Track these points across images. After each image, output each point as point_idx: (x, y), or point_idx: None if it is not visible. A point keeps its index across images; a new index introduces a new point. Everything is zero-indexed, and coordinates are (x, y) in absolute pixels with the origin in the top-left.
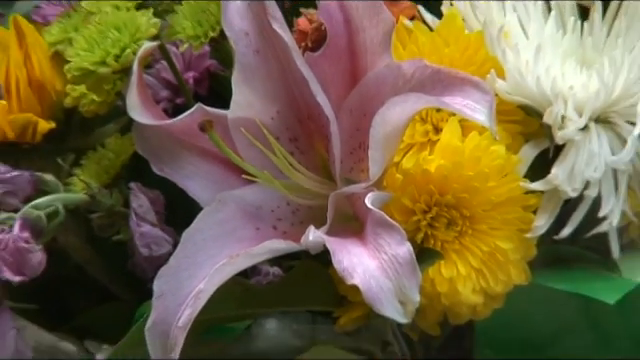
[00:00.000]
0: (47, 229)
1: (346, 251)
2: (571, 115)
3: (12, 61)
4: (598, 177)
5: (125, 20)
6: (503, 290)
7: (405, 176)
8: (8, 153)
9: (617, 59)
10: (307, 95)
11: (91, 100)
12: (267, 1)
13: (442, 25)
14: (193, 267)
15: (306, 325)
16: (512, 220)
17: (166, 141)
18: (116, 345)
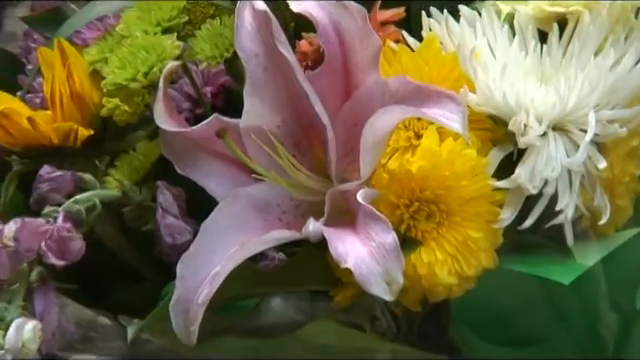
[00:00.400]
0: (86, 220)
1: (341, 239)
2: (532, 124)
3: (57, 78)
4: (555, 177)
5: (153, 43)
6: (474, 273)
7: (391, 176)
8: (53, 156)
9: (571, 76)
10: (308, 107)
11: (123, 111)
12: (274, 26)
13: (422, 47)
14: (210, 253)
15: (306, 302)
16: (482, 213)
17: (187, 145)
18: (145, 319)
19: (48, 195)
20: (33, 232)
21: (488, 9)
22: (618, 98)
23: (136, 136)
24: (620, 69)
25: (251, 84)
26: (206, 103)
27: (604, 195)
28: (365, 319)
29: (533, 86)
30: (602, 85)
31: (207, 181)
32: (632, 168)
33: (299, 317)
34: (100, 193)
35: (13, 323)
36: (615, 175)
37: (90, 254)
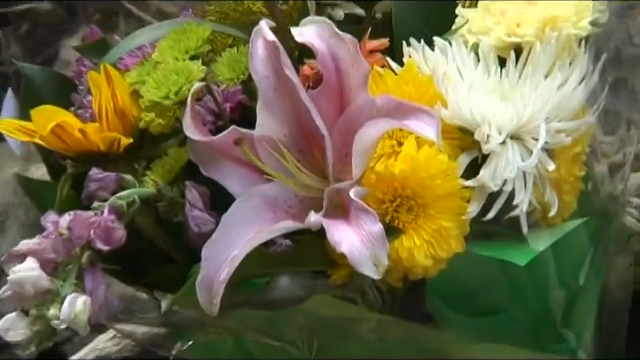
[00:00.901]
0: (127, 213)
1: (336, 229)
2: (493, 134)
3: (103, 96)
4: (512, 177)
5: (182, 67)
6: (446, 256)
7: (377, 176)
8: (100, 160)
9: (526, 95)
10: (309, 120)
11: (158, 123)
12: (281, 54)
13: (403, 71)
14: (229, 240)
15: (308, 280)
16: (452, 207)
17: (210, 152)
18: (175, 294)
19: (96, 192)
20: (83, 223)
21: (457, 40)
22: (564, 112)
23: (168, 144)
24: (566, 89)
25: (263, 101)
26: (226, 117)
27: (553, 192)
28: (357, 294)
29: (494, 103)
30: (551, 102)
31: (226, 181)
32: (576, 170)
33: (302, 293)
34: (138, 191)
35: (67, 298)
36: (562, 176)
37: (130, 241)
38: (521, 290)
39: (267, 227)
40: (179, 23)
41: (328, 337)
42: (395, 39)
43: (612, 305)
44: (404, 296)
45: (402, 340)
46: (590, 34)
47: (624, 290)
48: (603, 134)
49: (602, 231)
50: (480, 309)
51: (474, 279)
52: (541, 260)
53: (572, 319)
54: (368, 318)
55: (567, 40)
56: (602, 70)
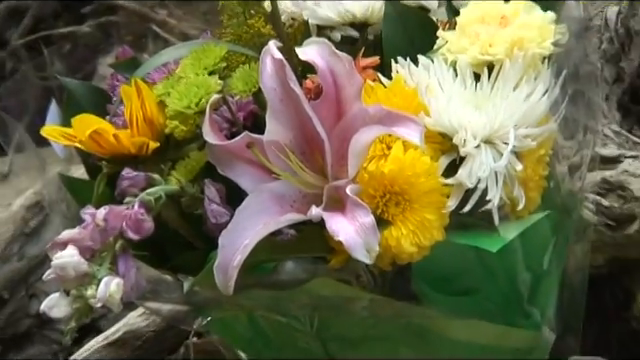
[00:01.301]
0: (154, 207)
1: (334, 220)
2: (469, 139)
3: (133, 106)
4: (485, 176)
5: (201, 82)
6: (429, 244)
7: (370, 175)
8: (131, 162)
9: (497, 105)
10: (311, 127)
11: (181, 129)
12: (287, 69)
13: (392, 85)
14: (242, 230)
15: (310, 265)
16: (434, 202)
17: (226, 154)
18: (196, 277)
19: (128, 189)
20: (117, 215)
21: (438, 58)
22: (530, 120)
23: (190, 147)
24: (531, 100)
25: (271, 111)
26: (239, 124)
27: (520, 189)
28: (352, 276)
29: (470, 112)
30: (519, 111)
31: (239, 179)
32: (540, 170)
33: (305, 275)
34: (164, 188)
35: (103, 280)
36: (528, 175)
37: (157, 231)
38: (493, 273)
39: (275, 219)
40: (199, 44)
41: (327, 313)
42: (384, 57)
43: (571, 286)
44: (393, 278)
45: (391, 316)
46: (552, 53)
47: (582, 273)
48: (563, 139)
49: (563, 223)
50: (458, 289)
51: (453, 264)
52: (510, 247)
53: (537, 298)
54: (361, 297)
55: (532, 58)
56: (562, 84)
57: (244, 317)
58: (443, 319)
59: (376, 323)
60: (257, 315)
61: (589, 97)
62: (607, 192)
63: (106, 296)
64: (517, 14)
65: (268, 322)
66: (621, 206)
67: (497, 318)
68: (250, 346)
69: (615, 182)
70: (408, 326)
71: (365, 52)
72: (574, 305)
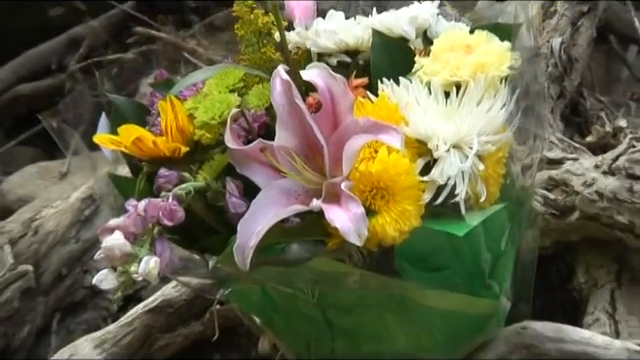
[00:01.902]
0: (185, 200)
1: (332, 211)
2: (441, 144)
3: (168, 118)
4: (454, 175)
5: (223, 98)
6: (408, 230)
7: (360, 174)
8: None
9: (463, 117)
10: (312, 135)
11: (207, 137)
12: (292, 88)
13: (378, 100)
14: (256, 218)
15: (312, 246)
16: (412, 195)
17: (243, 157)
18: (219, 256)
19: (163, 185)
20: (154, 206)
21: (415, 79)
22: (490, 129)
23: (214, 151)
24: (491, 113)
25: (280, 122)
26: (254, 133)
27: (482, 185)
28: (345, 256)
29: (441, 123)
30: (481, 122)
31: (254, 177)
32: (499, 169)
33: (307, 255)
34: (193, 184)
35: (143, 259)
36: (489, 173)
37: (187, 219)
38: (460, 253)
39: (283, 209)
40: (221, 67)
41: (325, 286)
42: (372, 78)
43: (524, 264)
44: (379, 257)
45: (377, 288)
46: (508, 75)
47: (532, 254)
48: (517, 144)
49: (517, 212)
50: (432, 266)
51: (428, 245)
52: (474, 232)
53: (496, 273)
54: (353, 273)
55: (492, 79)
56: (516, 100)
57: (258, 289)
58: (419, 290)
59: (365, 293)
60: (268, 287)
61: (538, 111)
62: (553, 187)
63: (146, 272)
64: (480, 44)
65: (277, 293)
66: (564, 199)
67: (463, 289)
68: (263, 312)
69: (559, 179)
70: (391, 296)
71: (356, 74)
72: (526, 279)
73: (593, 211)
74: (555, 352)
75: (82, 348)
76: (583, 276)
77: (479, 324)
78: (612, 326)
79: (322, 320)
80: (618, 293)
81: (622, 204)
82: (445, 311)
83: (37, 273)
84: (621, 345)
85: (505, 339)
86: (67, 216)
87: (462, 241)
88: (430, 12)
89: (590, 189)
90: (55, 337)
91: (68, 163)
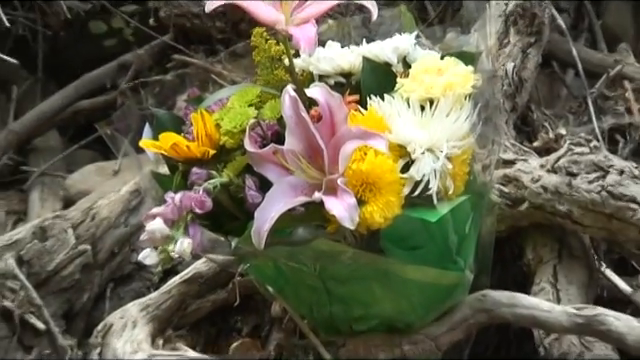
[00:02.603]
0: (213, 192)
1: (330, 201)
2: (417, 148)
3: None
4: (428, 173)
5: (243, 111)
6: (391, 216)
7: (353, 172)
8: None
9: (435, 126)
10: (315, 140)
11: (230, 142)
12: (299, 103)
13: (367, 113)
14: (270, 207)
15: (314, 230)
16: (395, 189)
17: (259, 158)
18: (240, 238)
19: (195, 181)
20: (188, 198)
21: (397, 95)
22: (457, 136)
23: (236, 153)
24: (457, 123)
25: (289, 130)
26: (268, 139)
27: (450, 181)
28: (341, 237)
29: (418, 131)
30: (449, 131)
31: (268, 174)
32: (464, 168)
33: (310, 237)
34: (219, 180)
35: (179, 240)
36: (456, 171)
37: (214, 208)
38: (433, 235)
39: (291, 200)
40: (242, 86)
41: (324, 262)
42: (362, 96)
43: (483, 244)
44: (367, 239)
45: (366, 263)
46: (471, 93)
47: (490, 236)
48: (478, 148)
49: (478, 203)
50: (410, 246)
51: (406, 229)
52: (444, 219)
53: (461, 252)
54: (347, 251)
55: (458, 96)
56: (478, 113)
57: (271, 264)
58: (400, 265)
59: (357, 268)
60: (279, 262)
61: (495, 121)
62: (507, 183)
63: (181, 250)
64: (448, 68)
65: (286, 267)
66: (516, 192)
67: (435, 265)
68: (275, 283)
69: (512, 176)
70: (377, 269)
71: (349, 92)
72: (485, 256)
73: (539, 202)
74: (509, 315)
75: (130, 311)
76: (531, 254)
77: (448, 292)
78: (554, 294)
79: (322, 289)
80: (559, 267)
81: (562, 196)
82: (420, 282)
83: (94, 251)
84: (562, 309)
85: (469, 304)
86: (118, 205)
87: (434, 226)
88: (409, 42)
89: (537, 184)
90: (109, 302)
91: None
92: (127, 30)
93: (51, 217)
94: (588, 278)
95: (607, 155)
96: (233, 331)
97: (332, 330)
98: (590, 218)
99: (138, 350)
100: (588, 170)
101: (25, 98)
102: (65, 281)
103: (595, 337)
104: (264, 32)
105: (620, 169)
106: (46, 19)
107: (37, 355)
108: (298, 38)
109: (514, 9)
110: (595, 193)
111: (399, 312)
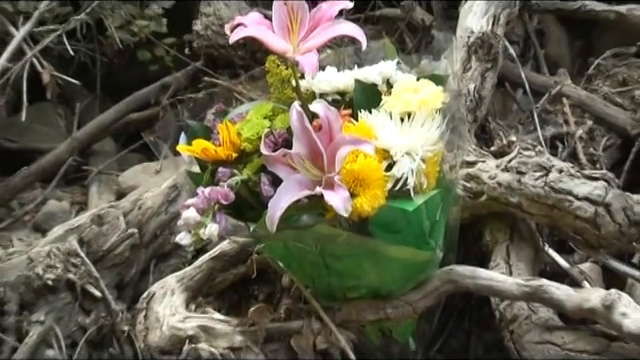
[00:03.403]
0: (235, 187)
1: (328, 194)
2: (398, 152)
3: (224, 135)
4: (407, 171)
5: (260, 122)
6: (377, 207)
7: (347, 171)
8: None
9: (412, 134)
10: (316, 146)
11: (249, 147)
12: (304, 116)
13: (358, 124)
14: (280, 199)
15: (316, 217)
16: (380, 184)
17: (272, 159)
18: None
19: (221, 178)
20: (215, 191)
21: (382, 110)
22: (429, 142)
23: (254, 156)
24: (430, 132)
25: (296, 137)
26: (279, 144)
27: (425, 178)
28: (337, 223)
29: (398, 138)
30: (424, 137)
31: (279, 173)
32: (435, 168)
33: (313, 222)
34: (240, 177)
35: (208, 225)
36: (429, 170)
37: (236, 199)
38: (410, 221)
39: (297, 193)
40: (258, 103)
41: (324, 242)
42: (354, 110)
43: (450, 228)
44: (358, 224)
45: (357, 244)
46: (441, 107)
47: (455, 222)
48: (447, 152)
49: (446, 196)
50: (392, 230)
51: (389, 217)
52: (419, 208)
53: (433, 235)
54: (342, 234)
55: (431, 110)
56: (446, 124)
57: (281, 244)
58: (384, 245)
59: (350, 247)
60: (288, 243)
61: (460, 130)
62: (469, 179)
63: (209, 234)
64: (423, 87)
65: (294, 247)
66: (476, 187)
67: (412, 245)
68: (284, 259)
69: (473, 174)
70: (366, 249)
71: (344, 107)
72: (452, 238)
73: (495, 195)
74: (471, 285)
75: (169, 282)
76: (488, 236)
77: (422, 267)
78: (507, 269)
79: (322, 264)
80: (511, 247)
81: (514, 190)
82: (400, 259)
83: (140, 234)
84: (513, 281)
85: (438, 277)
86: (160, 198)
87: (411, 214)
88: (391, 68)
89: (493, 181)
90: (152, 275)
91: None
92: (167, 58)
93: (106, 207)
94: (534, 256)
95: (549, 157)
96: (251, 298)
97: (330, 297)
98: (536, 208)
99: (175, 313)
100: (534, 169)
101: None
102: (117, 258)
103: (540, 303)
104: (276, 59)
105: (560, 168)
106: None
107: (95, 317)
108: (303, 64)
109: (475, 41)
110: (540, 188)
111: (383, 283)
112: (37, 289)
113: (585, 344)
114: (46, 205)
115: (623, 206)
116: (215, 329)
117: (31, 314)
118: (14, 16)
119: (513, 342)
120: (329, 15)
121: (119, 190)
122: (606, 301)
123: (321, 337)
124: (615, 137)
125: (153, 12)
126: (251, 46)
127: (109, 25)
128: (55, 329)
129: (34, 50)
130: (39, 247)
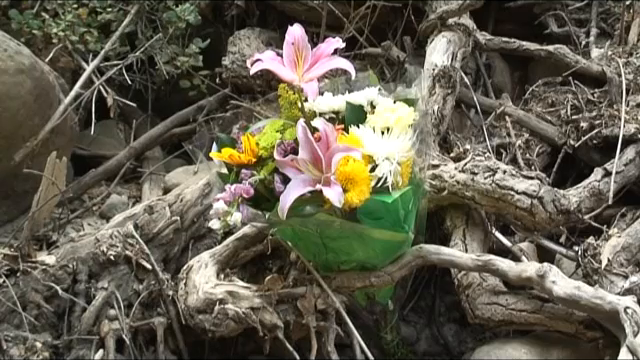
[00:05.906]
0: (254, 184)
1: (326, 190)
2: (380, 157)
3: (246, 144)
4: (386, 172)
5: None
6: (364, 199)
7: (340, 172)
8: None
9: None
10: (317, 153)
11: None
12: (307, 129)
13: (349, 136)
14: (289, 194)
15: (317, 207)
16: (366, 182)
17: (283, 163)
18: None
19: (244, 177)
20: (239, 188)
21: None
22: (404, 150)
23: (268, 161)
24: (404, 142)
25: (301, 146)
26: (288, 151)
27: (400, 177)
28: (333, 212)
29: (379, 146)
30: (399, 145)
31: (288, 173)
32: (408, 169)
33: (314, 211)
34: (258, 177)
35: (234, 214)
36: (403, 171)
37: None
38: (389, 210)
39: (302, 189)
40: (272, 120)
41: (323, 227)
42: (346, 125)
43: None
44: (349, 213)
45: (348, 228)
46: (413, 123)
47: (424, 211)
48: (417, 157)
49: (416, 191)
50: (375, 217)
51: (373, 207)
52: (396, 200)
53: (407, 221)
54: (336, 221)
55: (405, 125)
56: (417, 135)
57: (290, 228)
58: (369, 229)
59: (343, 230)
60: (295, 227)
61: (427, 141)
62: (434, 178)
63: (234, 220)
64: (398, 108)
65: (299, 230)
66: (439, 184)
67: (391, 229)
68: (292, 239)
69: (437, 174)
70: (355, 232)
71: (338, 123)
72: (422, 224)
73: (454, 190)
74: (436, 260)
75: (203, 257)
76: (449, 222)
77: (398, 246)
78: (464, 247)
79: (321, 244)
80: (466, 230)
81: (468, 187)
82: (381, 239)
83: (181, 220)
84: (468, 256)
85: (411, 253)
86: (197, 192)
87: (390, 205)
88: (374, 93)
89: (452, 179)
90: (190, 252)
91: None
92: (202, 86)
93: (155, 200)
94: (484, 237)
95: (495, 162)
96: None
97: (327, 269)
98: (485, 200)
99: (208, 281)
100: (484, 171)
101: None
102: (163, 239)
103: (489, 273)
104: (286, 86)
105: (503, 170)
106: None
107: (146, 284)
108: (307, 90)
109: (438, 72)
110: (488, 185)
111: (368, 258)
112: (102, 263)
113: (524, 304)
114: (109, 198)
115: (552, 199)
116: (239, 293)
117: (97, 282)
118: (85, 54)
119: (468, 303)
120: (327, 53)
121: (165, 187)
122: (540, 272)
123: (320, 300)
124: (546, 146)
125: (192, 50)
126: (267, 76)
127: (158, 61)
128: (116, 293)
129: (100, 80)
130: (104, 230)
